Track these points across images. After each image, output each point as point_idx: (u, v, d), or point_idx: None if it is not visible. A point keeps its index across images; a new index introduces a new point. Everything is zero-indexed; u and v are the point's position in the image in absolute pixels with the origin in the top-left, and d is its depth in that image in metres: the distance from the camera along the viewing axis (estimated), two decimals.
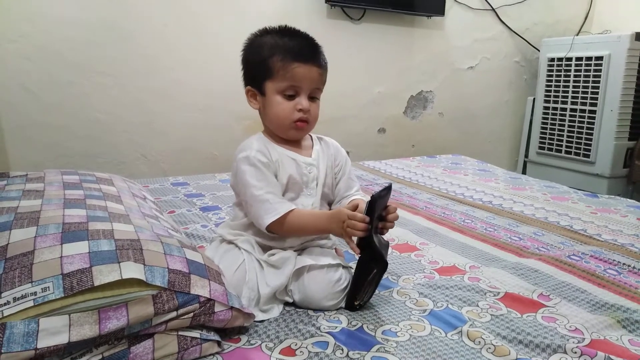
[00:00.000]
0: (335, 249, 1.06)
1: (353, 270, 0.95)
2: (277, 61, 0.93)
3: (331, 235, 1.05)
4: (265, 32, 0.98)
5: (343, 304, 0.90)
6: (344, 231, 0.85)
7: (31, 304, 0.63)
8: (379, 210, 0.86)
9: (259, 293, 0.88)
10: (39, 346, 0.60)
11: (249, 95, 1.00)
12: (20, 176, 1.19)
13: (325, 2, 2.46)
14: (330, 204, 1.07)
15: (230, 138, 2.39)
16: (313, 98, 0.98)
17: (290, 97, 0.95)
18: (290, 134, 0.99)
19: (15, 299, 0.63)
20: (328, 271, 0.90)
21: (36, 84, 2.01)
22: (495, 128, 3.27)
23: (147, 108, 2.24)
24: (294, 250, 0.97)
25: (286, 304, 0.91)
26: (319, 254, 0.95)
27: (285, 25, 0.98)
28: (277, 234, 0.95)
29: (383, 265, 0.88)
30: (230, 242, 0.98)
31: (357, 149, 2.77)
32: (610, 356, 0.75)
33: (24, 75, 1.98)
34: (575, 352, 0.77)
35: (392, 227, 0.91)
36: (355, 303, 0.89)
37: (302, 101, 0.95)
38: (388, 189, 0.88)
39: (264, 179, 0.93)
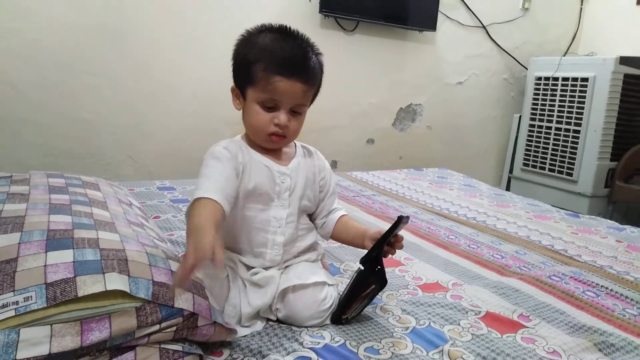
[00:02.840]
0: (322, 261, 1.06)
1: (339, 288, 0.96)
2: (260, 70, 0.87)
3: (318, 247, 1.04)
4: (260, 31, 0.92)
5: (328, 321, 0.90)
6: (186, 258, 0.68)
7: (12, 313, 0.62)
8: (395, 233, 0.88)
9: (241, 312, 0.87)
10: (18, 357, 0.59)
11: (234, 94, 0.96)
12: (4, 177, 1.17)
13: (319, 12, 2.48)
14: (311, 216, 1.04)
15: None
16: (295, 112, 0.92)
17: (270, 109, 0.90)
18: (266, 145, 0.95)
19: None
20: (313, 290, 0.89)
21: (24, 82, 1.98)
22: (482, 143, 3.32)
23: (136, 110, 2.23)
24: (278, 269, 0.94)
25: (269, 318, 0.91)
26: (303, 271, 0.93)
27: (286, 28, 0.92)
28: None
29: (382, 283, 0.90)
30: None
31: (345, 158, 2.79)
32: None
33: (13, 72, 1.96)
34: None
35: (394, 253, 0.92)
36: (343, 317, 0.90)
37: (281, 116, 0.89)
38: (407, 218, 0.89)
39: (219, 168, 0.87)
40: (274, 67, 0.86)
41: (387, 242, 0.89)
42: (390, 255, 0.93)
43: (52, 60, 2.01)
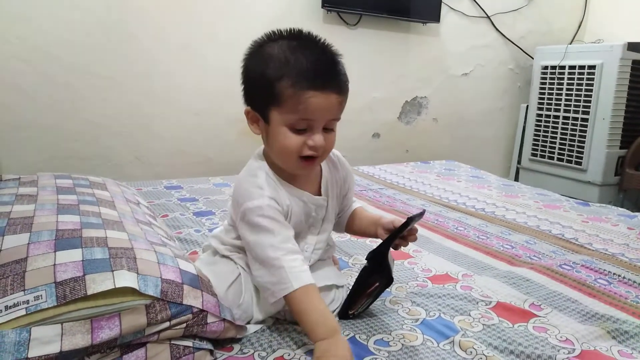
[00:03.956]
0: (332, 257, 1.05)
1: (348, 282, 0.95)
2: (287, 87, 0.75)
3: (330, 243, 1.02)
4: (272, 39, 0.80)
5: (336, 318, 0.90)
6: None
7: (23, 312, 0.62)
8: (406, 231, 0.87)
9: (253, 317, 0.85)
10: (30, 355, 0.60)
11: (249, 117, 0.84)
12: (13, 179, 1.18)
13: (322, 7, 2.47)
14: None
15: (224, 141, 2.39)
16: (327, 129, 0.81)
17: (301, 131, 0.78)
18: (297, 171, 0.84)
19: (7, 308, 0.62)
20: (321, 294, 0.85)
21: (31, 85, 2.00)
22: (489, 134, 3.29)
23: (142, 111, 2.23)
24: None
25: None
26: (313, 274, 0.90)
27: (300, 32, 0.81)
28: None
29: (388, 281, 0.89)
30: (224, 256, 0.92)
31: (351, 153, 2.77)
32: None
33: (19, 76, 1.97)
34: None
35: (406, 245, 0.91)
36: (350, 313, 0.90)
37: (315, 137, 0.78)
38: (422, 214, 0.87)
39: (283, 232, 0.79)
40: (303, 81, 0.75)
41: (400, 235, 0.88)
42: (402, 248, 0.92)
43: (57, 64, 2.02)
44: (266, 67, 0.77)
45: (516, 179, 3.25)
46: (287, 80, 0.75)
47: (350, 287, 0.90)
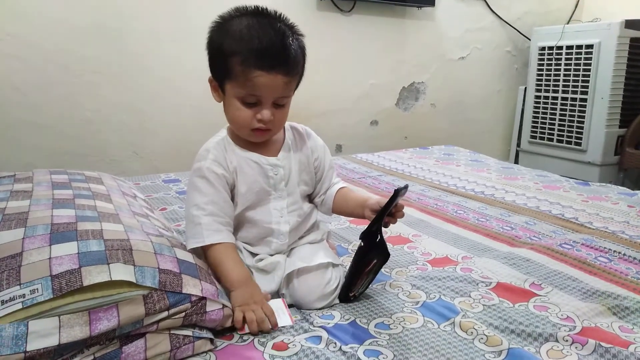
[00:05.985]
0: (328, 242, 1.05)
1: (343, 268, 0.95)
2: (237, 64, 0.81)
3: (321, 226, 1.03)
4: (234, 16, 0.86)
5: (336, 301, 0.90)
6: (244, 311, 0.77)
7: (20, 306, 0.62)
8: (393, 205, 0.86)
9: None
10: (28, 349, 0.60)
11: (212, 85, 0.91)
12: (8, 176, 1.18)
13: None
14: (310, 196, 1.02)
15: None
16: (278, 105, 0.87)
17: (251, 104, 0.85)
18: (250, 139, 0.91)
19: (3, 302, 0.62)
20: (317, 273, 0.88)
21: (25, 83, 1.98)
22: (487, 117, 3.27)
23: (138, 106, 2.22)
24: (283, 253, 0.94)
25: None
26: (308, 253, 0.92)
27: (261, 10, 0.86)
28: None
29: (385, 257, 0.89)
30: None
31: (349, 141, 2.77)
32: (601, 343, 0.75)
33: (13, 74, 1.96)
34: (567, 340, 0.77)
35: (395, 223, 0.91)
36: (351, 294, 0.89)
37: (264, 112, 0.84)
38: (406, 188, 0.87)
39: (212, 194, 0.86)
40: (252, 60, 0.80)
41: (388, 212, 0.88)
42: (391, 225, 0.91)
43: (52, 61, 2.01)
44: (223, 41, 0.84)
45: (516, 161, 3.24)
46: (238, 57, 0.81)
47: (348, 269, 0.90)
